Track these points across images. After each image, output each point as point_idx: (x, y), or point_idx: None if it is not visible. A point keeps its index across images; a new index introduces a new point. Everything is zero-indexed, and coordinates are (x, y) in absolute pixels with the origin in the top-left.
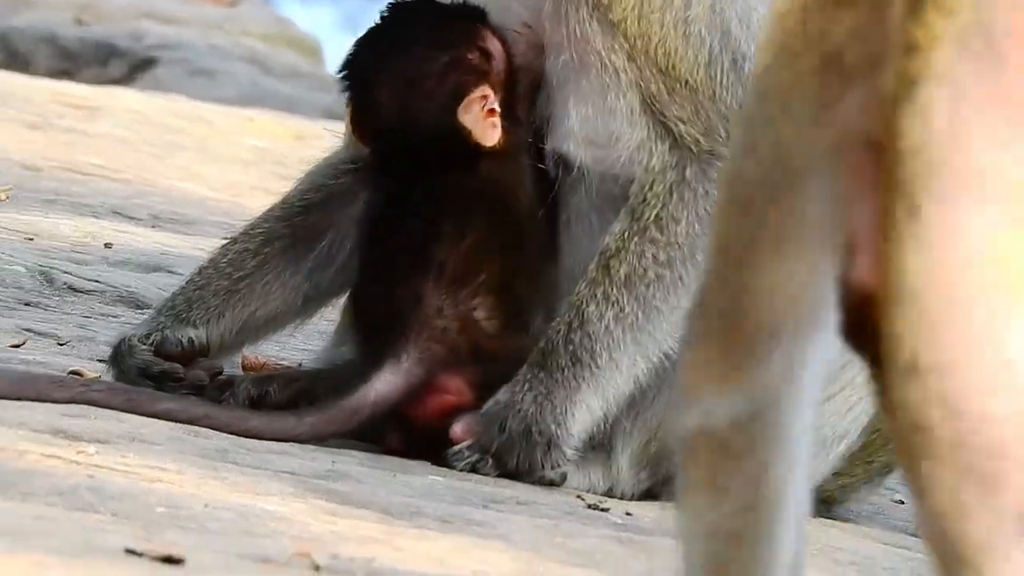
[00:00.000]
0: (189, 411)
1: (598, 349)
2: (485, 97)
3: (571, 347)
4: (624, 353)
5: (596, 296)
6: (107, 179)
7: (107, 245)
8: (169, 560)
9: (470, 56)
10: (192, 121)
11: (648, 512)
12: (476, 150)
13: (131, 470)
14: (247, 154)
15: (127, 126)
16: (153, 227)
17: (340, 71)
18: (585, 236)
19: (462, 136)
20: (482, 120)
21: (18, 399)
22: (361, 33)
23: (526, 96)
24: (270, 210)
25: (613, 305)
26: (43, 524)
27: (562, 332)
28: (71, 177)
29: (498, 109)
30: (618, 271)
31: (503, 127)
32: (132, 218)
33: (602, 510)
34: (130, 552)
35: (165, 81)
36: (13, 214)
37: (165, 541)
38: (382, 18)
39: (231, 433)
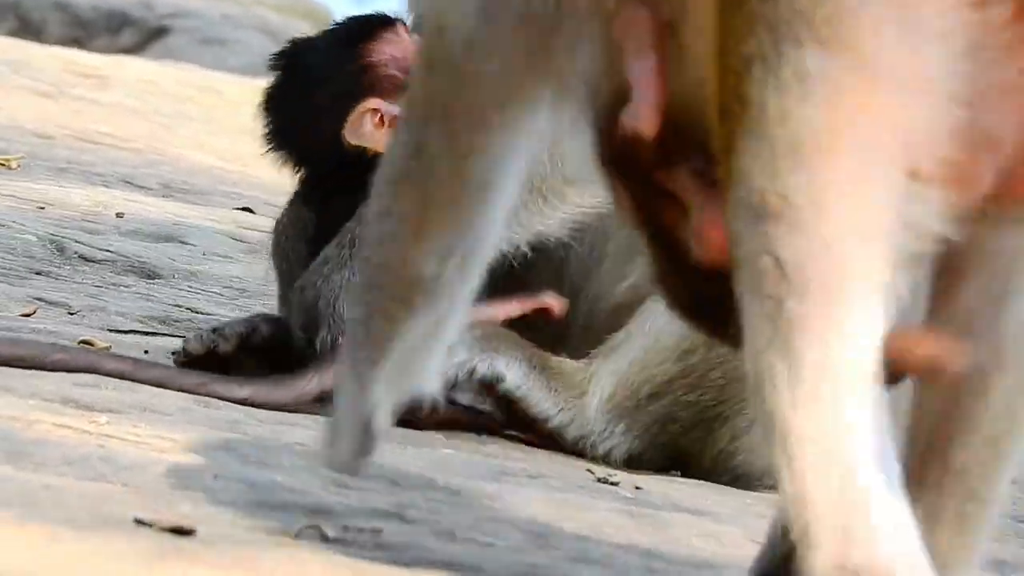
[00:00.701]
0: (178, 380)
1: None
2: (375, 110)
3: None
4: None
5: None
6: (118, 148)
7: (118, 215)
8: (179, 531)
9: (347, 79)
10: (203, 91)
11: (657, 486)
12: None
13: (142, 440)
14: (257, 124)
15: (138, 95)
16: (164, 196)
17: (259, 115)
18: None
19: (363, 152)
20: (378, 131)
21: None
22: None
23: None
24: None
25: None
26: (53, 494)
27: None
28: (82, 146)
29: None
30: None
31: None
32: (143, 187)
33: (612, 484)
34: (140, 523)
35: (176, 50)
36: (26, 183)
37: (175, 512)
38: (277, 62)
39: (227, 401)
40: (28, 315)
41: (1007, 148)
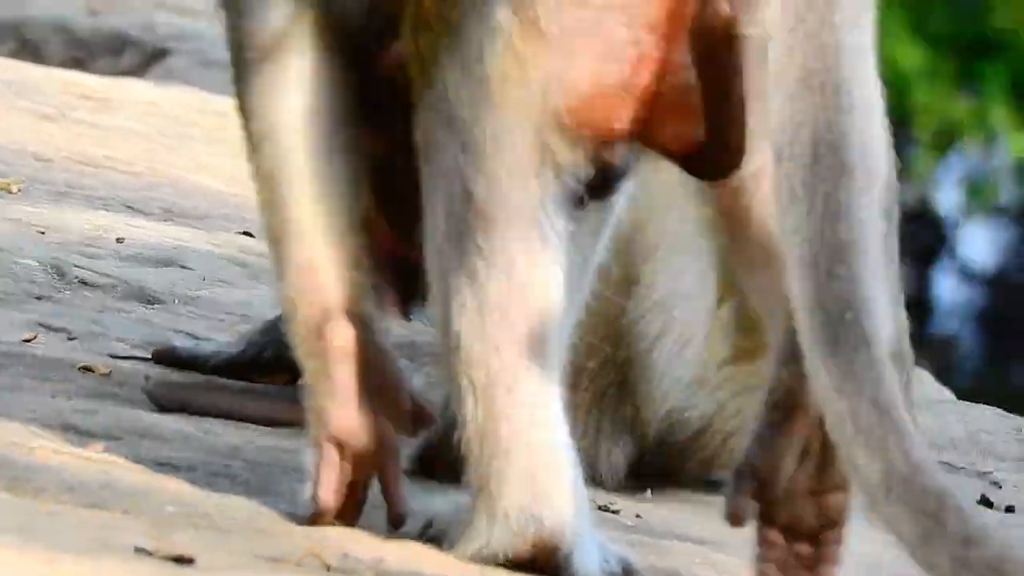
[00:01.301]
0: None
1: None
2: None
3: None
4: None
5: None
6: (119, 172)
7: (119, 240)
8: (179, 559)
9: None
10: (204, 113)
11: (658, 513)
12: None
13: (142, 467)
14: None
15: (139, 118)
16: (165, 221)
17: None
18: None
19: None
20: None
21: (234, 417)
22: None
23: None
24: None
25: None
26: (53, 521)
27: None
28: (82, 170)
29: None
30: None
31: None
32: (144, 212)
33: (613, 512)
34: (140, 551)
35: (178, 72)
36: (26, 207)
37: (175, 540)
38: None
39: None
40: (28, 340)
41: (638, 96)
